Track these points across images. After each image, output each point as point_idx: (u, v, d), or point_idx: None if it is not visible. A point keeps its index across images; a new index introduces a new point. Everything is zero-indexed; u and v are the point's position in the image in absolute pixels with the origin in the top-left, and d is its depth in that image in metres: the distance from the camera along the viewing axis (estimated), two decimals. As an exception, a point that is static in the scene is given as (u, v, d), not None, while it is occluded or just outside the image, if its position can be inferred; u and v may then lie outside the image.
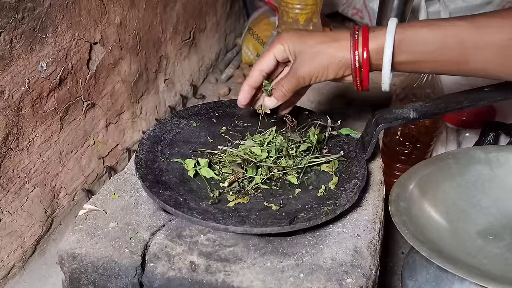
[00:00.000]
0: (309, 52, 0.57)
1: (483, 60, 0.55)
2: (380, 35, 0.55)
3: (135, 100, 1.19)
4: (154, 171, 0.63)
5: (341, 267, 0.53)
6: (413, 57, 0.56)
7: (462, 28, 0.54)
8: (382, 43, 0.55)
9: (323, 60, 0.57)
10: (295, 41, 0.57)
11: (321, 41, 0.57)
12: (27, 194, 0.85)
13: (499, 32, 0.53)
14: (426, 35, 0.55)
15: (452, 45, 0.54)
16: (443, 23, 0.55)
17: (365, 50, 0.55)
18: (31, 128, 0.83)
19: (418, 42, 0.55)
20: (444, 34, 0.54)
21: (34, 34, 0.80)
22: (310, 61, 0.57)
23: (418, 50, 0.55)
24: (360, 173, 0.63)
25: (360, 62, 0.56)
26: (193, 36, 1.49)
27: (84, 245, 0.56)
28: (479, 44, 0.54)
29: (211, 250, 0.55)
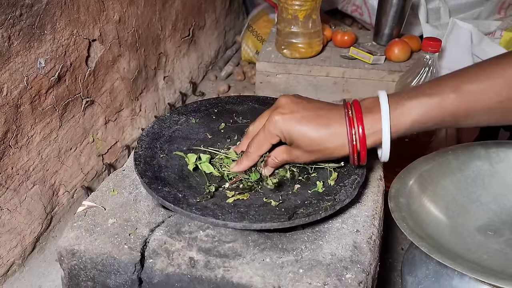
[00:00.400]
0: (308, 148, 0.58)
1: (476, 122, 0.58)
2: (376, 131, 0.56)
3: (134, 97, 1.18)
4: (153, 167, 0.63)
5: (341, 262, 0.53)
6: (409, 131, 0.58)
7: (451, 103, 0.55)
8: (379, 138, 0.56)
9: (322, 155, 0.59)
10: (291, 133, 0.57)
11: (317, 135, 0.57)
12: (26, 191, 0.85)
13: (486, 98, 0.54)
14: (418, 120, 0.56)
15: (444, 119, 0.56)
16: (433, 101, 0.56)
17: (364, 147, 0.57)
18: (30, 125, 0.83)
19: (412, 127, 0.57)
20: (435, 115, 0.56)
21: (33, 31, 0.80)
22: (309, 155, 0.59)
23: (413, 130, 0.58)
24: (360, 169, 0.63)
25: (358, 151, 0.57)
26: (192, 34, 1.49)
27: (83, 241, 0.56)
28: (469, 113, 0.56)
29: (210, 246, 0.54)
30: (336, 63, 1.17)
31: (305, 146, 0.58)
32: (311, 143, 0.57)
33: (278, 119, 0.58)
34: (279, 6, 1.16)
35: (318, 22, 1.17)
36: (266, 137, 0.60)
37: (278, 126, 0.58)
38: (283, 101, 0.60)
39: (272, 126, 0.58)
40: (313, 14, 1.14)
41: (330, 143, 0.57)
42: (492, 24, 1.25)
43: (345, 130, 0.56)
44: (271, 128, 0.58)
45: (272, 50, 1.24)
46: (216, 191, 0.60)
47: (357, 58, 1.19)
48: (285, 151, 0.61)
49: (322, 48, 1.22)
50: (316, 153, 0.58)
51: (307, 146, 0.58)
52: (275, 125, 0.58)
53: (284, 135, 0.58)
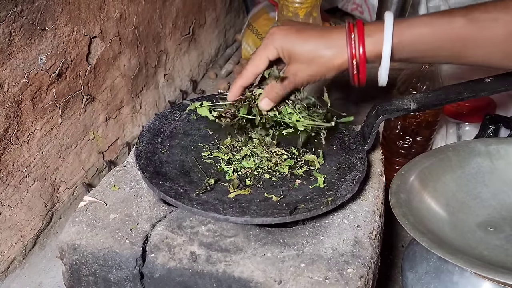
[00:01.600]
0: (306, 59, 0.56)
1: (484, 55, 0.55)
2: (377, 38, 0.54)
3: (135, 94, 1.18)
4: (154, 162, 0.63)
5: (342, 257, 0.53)
6: (411, 55, 0.56)
7: (461, 26, 0.53)
8: (379, 46, 0.54)
9: (322, 67, 0.57)
10: (289, 44, 0.56)
11: (316, 46, 0.55)
12: (27, 187, 0.85)
13: (498, 27, 0.53)
14: (424, 35, 0.54)
15: (452, 43, 0.54)
16: (442, 21, 0.54)
17: (363, 52, 0.54)
18: (30, 121, 0.83)
19: (417, 42, 0.54)
20: (443, 34, 0.54)
21: (33, 27, 0.80)
22: (308, 68, 0.57)
23: (417, 49, 0.55)
24: (361, 164, 0.63)
25: (358, 64, 0.55)
26: (193, 31, 1.49)
27: (85, 236, 0.56)
28: (479, 41, 0.53)
29: (211, 240, 0.55)
30: (337, 61, 1.17)
31: (303, 55, 0.56)
32: (309, 51, 0.55)
33: (276, 31, 0.57)
34: (280, 4, 1.16)
35: (319, 21, 1.17)
36: (263, 50, 0.58)
37: (277, 38, 0.56)
38: (280, 26, 0.58)
39: (269, 39, 0.57)
40: (313, 12, 1.14)
41: (328, 50, 0.55)
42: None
43: (344, 37, 0.54)
44: (268, 40, 0.57)
45: (273, 48, 1.23)
46: (215, 183, 0.60)
47: (358, 56, 1.18)
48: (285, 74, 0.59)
49: (323, 46, 1.22)
50: (314, 64, 0.56)
51: (304, 55, 0.55)
52: (272, 37, 0.56)
53: (282, 47, 0.56)
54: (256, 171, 0.63)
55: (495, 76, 0.65)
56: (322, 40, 0.55)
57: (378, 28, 0.54)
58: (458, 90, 0.65)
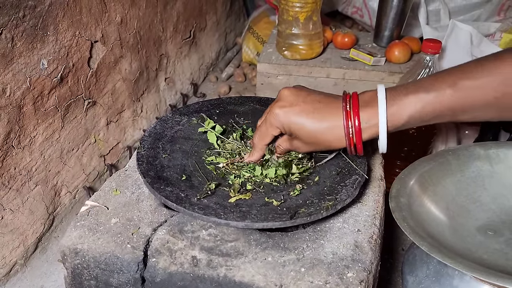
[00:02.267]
0: (306, 139, 0.60)
1: (476, 117, 0.59)
2: (372, 124, 0.57)
3: (136, 98, 1.19)
4: (155, 167, 0.63)
5: (342, 261, 0.53)
6: (406, 126, 0.59)
7: (449, 98, 0.56)
8: (375, 131, 0.58)
9: (321, 146, 0.61)
10: (291, 125, 0.60)
11: (316, 127, 0.59)
12: (29, 191, 0.86)
13: (484, 94, 0.55)
14: (414, 115, 0.57)
15: (442, 115, 0.57)
16: (430, 96, 0.56)
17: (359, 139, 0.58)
18: (32, 125, 0.84)
19: (409, 121, 0.58)
20: (432, 110, 0.57)
21: (35, 32, 0.80)
22: (309, 146, 0.61)
23: (411, 124, 0.59)
24: (361, 168, 0.64)
25: (355, 143, 0.59)
26: (194, 35, 1.49)
27: (86, 240, 0.56)
28: (467, 108, 0.57)
29: (212, 245, 0.55)
30: (337, 64, 1.18)
31: (304, 138, 0.60)
32: (309, 136, 0.59)
33: (278, 112, 0.60)
34: (280, 8, 1.17)
35: (319, 24, 1.18)
36: (268, 129, 0.63)
37: (278, 119, 0.60)
38: (284, 94, 0.62)
39: (272, 119, 0.61)
40: (313, 16, 1.14)
41: (327, 135, 0.59)
42: (491, 26, 1.26)
43: (342, 124, 0.58)
44: (271, 120, 0.61)
45: (273, 51, 1.24)
46: (216, 188, 0.61)
47: (358, 60, 1.19)
48: (287, 140, 0.64)
49: (323, 49, 1.23)
50: (314, 145, 0.61)
51: (305, 138, 0.60)
52: (275, 117, 0.61)
53: (284, 127, 0.61)
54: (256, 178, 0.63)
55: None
56: (324, 125, 0.58)
57: (373, 115, 0.57)
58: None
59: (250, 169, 0.65)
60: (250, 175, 0.64)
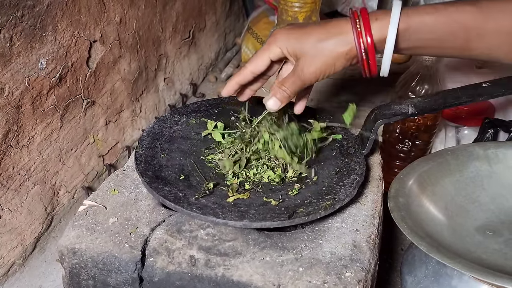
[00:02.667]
0: (312, 52, 0.54)
1: (488, 47, 0.54)
2: (383, 23, 0.53)
3: (135, 98, 1.19)
4: (153, 167, 0.63)
5: (340, 261, 0.53)
6: (416, 44, 0.55)
7: (468, 14, 0.52)
8: (385, 31, 0.53)
9: (329, 58, 0.55)
10: (293, 42, 0.54)
11: (321, 37, 0.54)
12: (27, 191, 0.86)
13: (505, 19, 0.51)
14: (431, 23, 0.53)
15: (457, 33, 0.53)
16: (449, 8, 0.53)
17: (370, 40, 0.53)
18: (31, 125, 0.84)
19: (422, 31, 0.53)
20: (449, 22, 0.52)
21: (34, 32, 0.80)
22: (314, 61, 0.55)
23: (422, 37, 0.54)
24: (359, 168, 0.63)
25: (366, 53, 0.54)
26: (193, 35, 1.49)
27: (84, 240, 0.56)
28: (484, 31, 0.52)
29: (210, 244, 0.55)
30: (336, 64, 1.18)
31: (308, 47, 0.54)
32: (314, 43, 0.53)
33: (279, 31, 0.55)
34: (279, 8, 1.17)
35: (318, 24, 1.18)
36: (264, 50, 0.56)
37: (279, 37, 0.54)
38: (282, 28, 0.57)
39: (272, 39, 0.55)
40: (312, 16, 1.14)
41: (333, 38, 0.53)
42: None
43: (348, 25, 0.53)
44: (271, 40, 0.55)
45: (272, 51, 1.24)
46: (214, 188, 0.60)
47: (357, 60, 1.19)
48: (294, 75, 0.57)
49: (322, 49, 1.23)
50: (320, 56, 0.54)
51: (310, 46, 0.54)
52: (275, 37, 0.55)
53: (286, 45, 0.54)
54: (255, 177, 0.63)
55: (493, 81, 0.66)
56: (326, 31, 0.54)
57: (384, 14, 0.53)
58: (456, 94, 0.65)
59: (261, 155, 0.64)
60: (249, 175, 0.64)
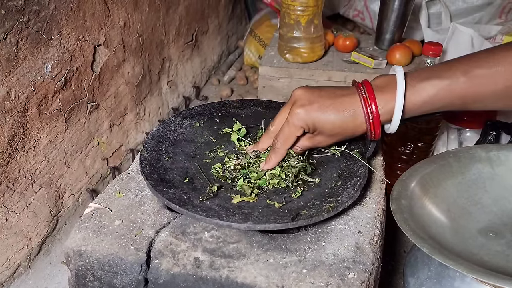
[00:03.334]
0: (330, 131, 0.62)
1: (485, 106, 0.61)
2: (389, 108, 0.59)
3: (139, 101, 1.20)
4: (158, 170, 0.64)
5: (343, 263, 0.54)
6: (419, 111, 0.61)
7: (462, 85, 0.58)
8: (391, 111, 0.59)
9: (345, 135, 0.63)
10: (314, 122, 0.61)
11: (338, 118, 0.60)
12: (33, 194, 0.87)
13: (494, 83, 0.57)
14: (428, 100, 0.59)
15: (455, 102, 0.59)
16: (444, 82, 0.58)
17: (377, 120, 0.60)
18: (36, 129, 0.85)
19: (423, 106, 0.60)
20: (447, 94, 0.58)
21: (40, 36, 0.81)
22: (332, 137, 0.63)
23: (423, 110, 0.61)
24: (362, 171, 0.64)
25: (375, 128, 0.61)
26: (196, 39, 1.50)
27: (90, 242, 0.57)
28: (477, 97, 0.58)
29: (215, 246, 0.55)
30: (338, 67, 1.18)
31: (328, 130, 0.62)
32: (333, 127, 0.61)
33: (301, 112, 0.61)
34: (281, 11, 1.18)
35: (320, 27, 1.18)
36: (291, 131, 0.62)
37: (302, 118, 0.61)
38: (299, 94, 0.63)
39: (295, 119, 0.61)
40: (315, 19, 1.15)
41: (350, 123, 0.61)
42: (493, 28, 1.27)
43: (361, 110, 0.60)
44: (295, 121, 0.61)
45: (275, 54, 1.25)
46: (218, 190, 0.61)
47: (359, 63, 1.20)
48: (307, 138, 0.65)
49: (324, 52, 1.24)
50: (337, 136, 0.63)
51: (330, 130, 0.61)
52: (298, 117, 0.61)
53: (308, 125, 0.61)
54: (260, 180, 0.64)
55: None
56: (344, 115, 0.60)
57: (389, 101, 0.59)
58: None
59: (257, 171, 0.65)
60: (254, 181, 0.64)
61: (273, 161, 0.65)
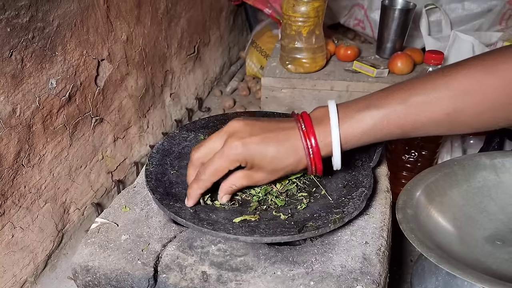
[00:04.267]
0: (270, 168, 0.57)
1: (425, 132, 0.58)
2: (328, 142, 0.57)
3: (142, 114, 1.20)
4: (164, 183, 0.64)
5: (351, 274, 0.54)
6: (359, 143, 0.58)
7: (399, 114, 0.55)
8: (329, 140, 0.57)
9: (285, 172, 0.59)
10: (252, 157, 0.56)
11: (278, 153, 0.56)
12: (39, 209, 0.87)
13: (433, 110, 0.54)
14: (366, 131, 0.56)
15: (394, 131, 0.57)
16: (381, 108, 0.56)
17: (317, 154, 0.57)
18: (41, 144, 0.85)
19: (362, 137, 0.57)
20: (385, 125, 0.56)
21: (44, 53, 0.82)
22: (271, 174, 0.58)
23: (363, 139, 0.58)
24: (367, 181, 0.64)
25: (316, 163, 0.57)
26: (198, 50, 1.51)
27: (97, 257, 0.57)
28: (416, 125, 0.56)
29: (222, 260, 0.55)
30: (340, 77, 1.19)
31: (267, 165, 0.57)
32: (273, 162, 0.56)
33: (238, 144, 0.56)
34: (283, 22, 1.19)
35: (322, 37, 1.19)
36: (224, 163, 0.57)
37: (240, 152, 0.56)
38: (238, 126, 0.57)
39: (232, 152, 0.56)
40: (316, 30, 1.16)
41: (291, 158, 0.57)
42: (493, 35, 1.27)
43: (301, 144, 0.56)
44: (231, 153, 0.56)
45: (277, 65, 1.26)
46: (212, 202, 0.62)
47: (361, 72, 1.20)
48: (244, 176, 0.59)
49: (326, 62, 1.24)
50: (278, 172, 0.58)
51: (269, 165, 0.57)
52: (235, 150, 0.56)
53: (246, 160, 0.56)
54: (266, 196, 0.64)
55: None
56: (284, 149, 0.57)
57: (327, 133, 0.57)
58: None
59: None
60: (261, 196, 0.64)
61: (195, 193, 0.59)
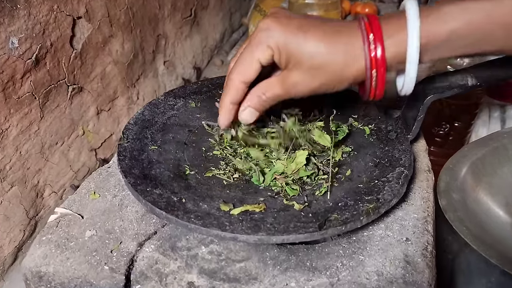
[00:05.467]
0: (311, 63, 0.43)
1: None
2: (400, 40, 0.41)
3: (131, 84, 1.06)
4: (141, 163, 0.50)
5: (391, 285, 0.39)
6: (444, 54, 0.43)
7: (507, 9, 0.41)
8: (403, 50, 0.41)
9: (332, 76, 0.44)
10: (290, 44, 0.43)
11: (326, 46, 0.42)
12: (3, 194, 0.74)
13: None
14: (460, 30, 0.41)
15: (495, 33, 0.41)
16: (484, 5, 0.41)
17: (383, 60, 0.42)
18: (3, 116, 0.72)
19: (451, 40, 0.42)
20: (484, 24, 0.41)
21: (2, 5, 0.68)
22: (313, 76, 0.44)
23: (451, 47, 0.42)
24: (406, 158, 0.49)
25: (376, 72, 0.42)
26: (195, 14, 1.36)
27: (53, 261, 0.43)
28: None
29: (215, 266, 0.41)
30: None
31: (306, 61, 0.43)
32: (315, 56, 0.42)
33: (272, 24, 0.43)
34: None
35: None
36: (253, 52, 0.44)
37: (272, 34, 0.43)
38: (275, 10, 0.45)
39: (263, 34, 0.43)
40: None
41: (339, 56, 0.42)
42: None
43: (359, 40, 0.41)
44: (262, 36, 0.43)
45: (284, 26, 1.10)
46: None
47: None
48: (278, 80, 0.45)
49: (341, 22, 1.09)
50: (319, 74, 0.43)
51: (309, 60, 0.42)
52: (267, 32, 0.43)
53: (279, 47, 0.43)
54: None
55: None
56: (333, 41, 0.42)
57: (399, 27, 0.41)
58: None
59: None
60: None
61: (224, 102, 0.47)
